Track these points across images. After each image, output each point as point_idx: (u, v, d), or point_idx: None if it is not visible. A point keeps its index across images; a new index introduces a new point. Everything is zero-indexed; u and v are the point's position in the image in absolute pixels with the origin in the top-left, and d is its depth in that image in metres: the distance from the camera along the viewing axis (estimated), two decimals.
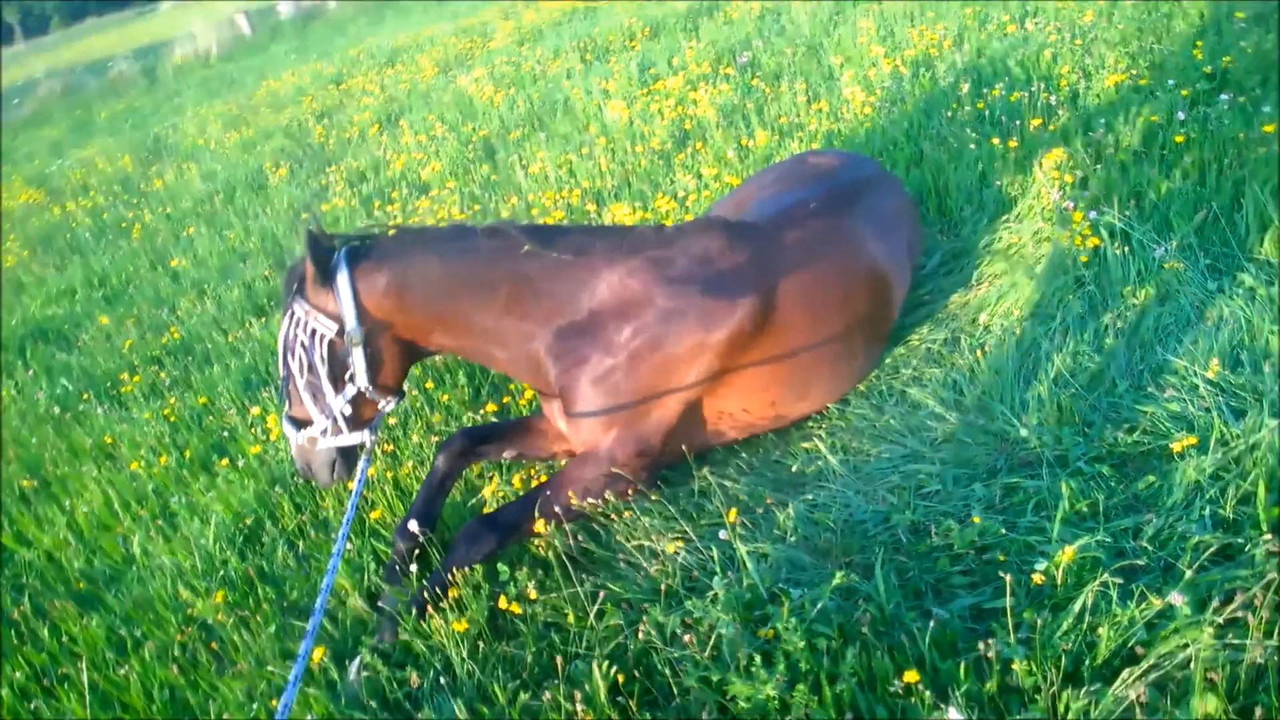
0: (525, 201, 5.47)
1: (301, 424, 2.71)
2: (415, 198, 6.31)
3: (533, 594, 2.54)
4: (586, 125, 6.62)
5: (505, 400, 3.56)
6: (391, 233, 2.75)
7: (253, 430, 3.95)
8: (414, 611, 2.57)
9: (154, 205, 8.40)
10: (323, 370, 2.61)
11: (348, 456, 2.78)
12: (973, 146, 4.12)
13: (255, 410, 4.05)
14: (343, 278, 2.58)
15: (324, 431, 2.67)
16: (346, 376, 2.64)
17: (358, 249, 2.65)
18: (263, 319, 5.25)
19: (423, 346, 2.78)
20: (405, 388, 2.90)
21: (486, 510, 3.06)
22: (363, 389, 2.65)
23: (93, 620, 3.11)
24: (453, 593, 2.57)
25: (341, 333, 2.59)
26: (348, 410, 2.66)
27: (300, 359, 2.62)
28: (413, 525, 2.68)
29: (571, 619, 2.50)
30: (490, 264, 2.70)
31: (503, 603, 2.53)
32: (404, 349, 2.73)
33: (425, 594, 2.57)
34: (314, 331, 2.60)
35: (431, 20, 14.67)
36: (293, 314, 2.64)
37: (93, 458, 4.27)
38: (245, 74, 15.16)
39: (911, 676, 1.90)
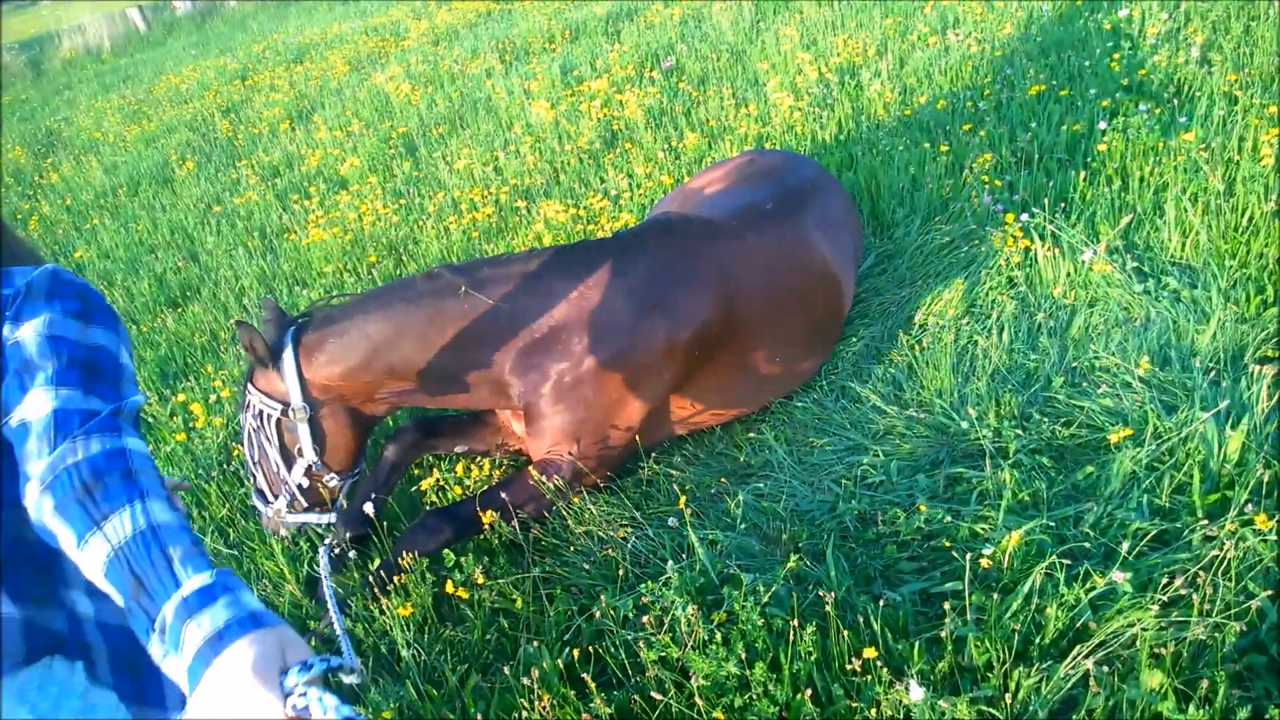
0: (451, 198, 5.35)
1: (266, 498, 2.74)
2: (334, 192, 6.11)
3: (480, 579, 2.47)
4: (510, 124, 6.53)
5: None
6: (342, 301, 2.69)
7: (174, 419, 3.77)
8: (364, 596, 2.54)
9: (52, 198, 7.94)
10: (271, 450, 2.63)
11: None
12: (902, 149, 4.21)
13: (180, 397, 3.86)
14: (288, 356, 2.55)
15: (287, 505, 2.70)
16: (295, 451, 2.64)
17: (304, 324, 2.61)
18: (178, 309, 5.01)
19: (371, 412, 2.73)
20: (361, 466, 2.84)
21: (426, 501, 2.99)
22: (311, 463, 2.64)
23: None
24: (397, 579, 2.48)
25: (286, 411, 2.58)
26: (305, 483, 2.67)
27: (251, 440, 2.66)
28: (368, 508, 2.61)
29: (520, 604, 2.45)
30: (434, 308, 2.60)
31: (449, 587, 2.46)
32: (353, 419, 2.69)
33: (373, 579, 2.53)
34: (261, 413, 2.61)
35: (338, 18, 14.28)
36: (246, 401, 2.66)
37: None
38: (141, 69, 14.48)
39: (870, 653, 1.90)
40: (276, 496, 2.70)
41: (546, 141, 5.85)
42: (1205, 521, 2.14)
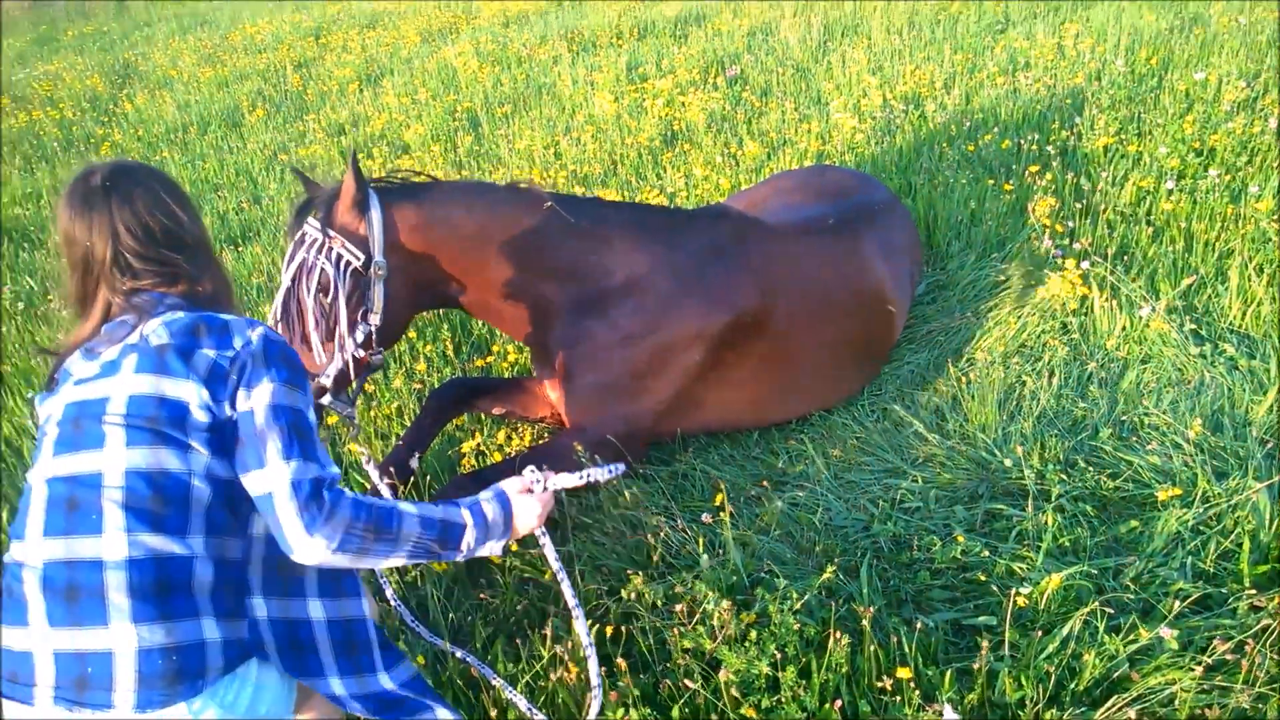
0: (510, 175, 5.39)
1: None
2: (396, 156, 6.17)
3: (513, 546, 2.49)
4: (573, 113, 6.57)
5: (489, 360, 3.50)
6: (421, 179, 2.68)
7: None
8: None
9: (125, 127, 8.07)
10: (342, 301, 2.42)
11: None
12: (965, 183, 4.21)
13: None
14: (374, 210, 2.49)
15: (333, 377, 2.42)
16: (360, 313, 2.47)
17: (388, 188, 2.59)
18: (237, 248, 5.09)
19: (438, 292, 2.69)
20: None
21: (466, 464, 3.02)
22: (375, 329, 2.49)
23: None
24: (439, 567, 2.51)
25: (368, 264, 2.45)
26: (360, 353, 2.48)
27: (316, 288, 2.40)
28: (414, 462, 2.63)
29: (549, 576, 2.46)
30: (513, 218, 2.67)
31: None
32: (419, 293, 2.64)
33: None
34: (339, 258, 2.41)
35: None
36: (315, 240, 2.43)
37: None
38: (219, 14, 14.66)
39: (904, 673, 1.90)
40: (324, 361, 2.43)
41: (607, 133, 5.89)
42: (1253, 591, 2.14)
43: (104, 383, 1.52)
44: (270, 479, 1.46)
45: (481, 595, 2.46)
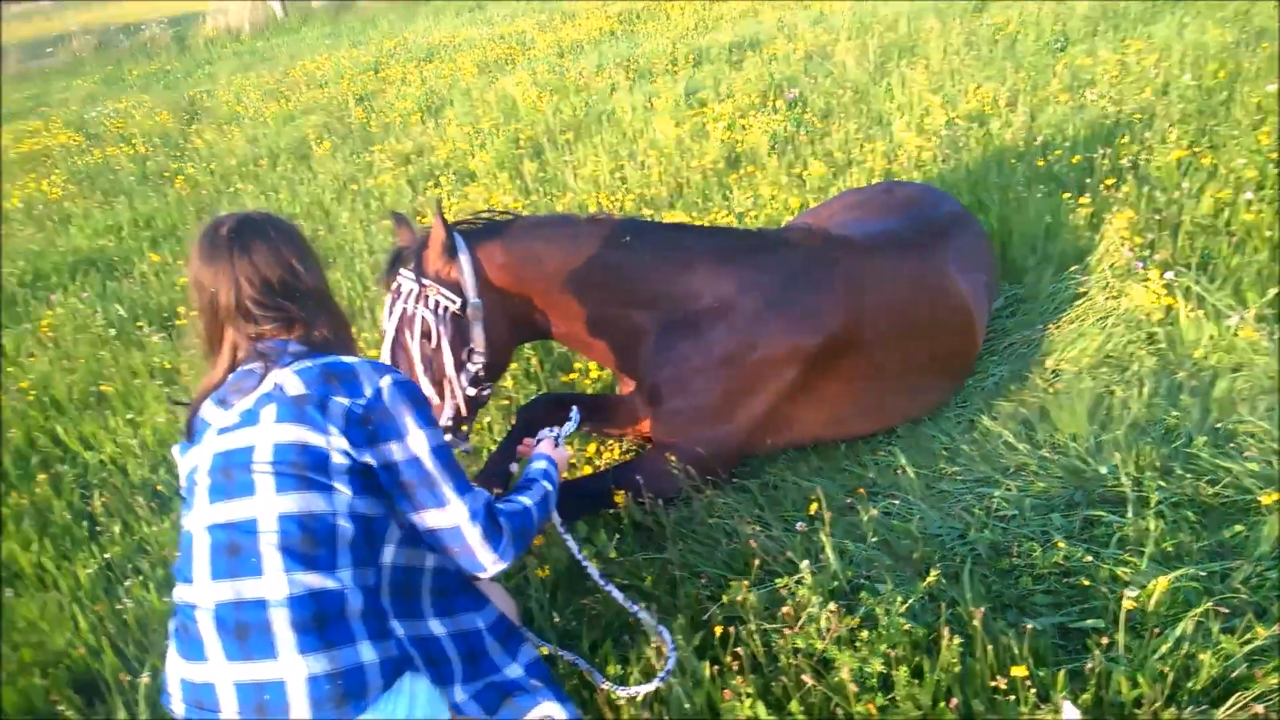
0: (577, 202, 5.50)
1: None
2: (463, 184, 6.32)
3: (614, 554, 2.55)
4: (634, 139, 6.69)
5: (572, 376, 3.58)
6: (506, 218, 2.78)
7: None
8: None
9: (197, 161, 8.38)
10: (446, 346, 2.52)
11: None
12: (1040, 198, 4.22)
13: None
14: (463, 253, 2.59)
15: (450, 418, 2.56)
16: (465, 354, 2.58)
17: (472, 230, 2.68)
18: None
19: (532, 327, 2.78)
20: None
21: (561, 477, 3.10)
22: (480, 368, 2.60)
23: (165, 522, 3.18)
24: (536, 541, 2.57)
25: (465, 306, 2.56)
26: (470, 391, 2.59)
27: (419, 335, 2.51)
28: (513, 467, 2.70)
29: (650, 582, 2.51)
30: (595, 250, 2.73)
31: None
32: (515, 328, 2.73)
33: None
34: (437, 304, 2.53)
35: (464, 24, 14.76)
36: (410, 290, 2.55)
37: (151, 377, 4.34)
38: (278, 52, 15.16)
39: (1020, 671, 1.92)
40: (438, 403, 2.56)
41: (670, 157, 5.98)
42: None
43: (246, 432, 1.64)
44: (453, 515, 1.69)
45: (585, 601, 2.51)
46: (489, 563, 1.72)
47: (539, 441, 2.25)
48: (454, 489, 1.70)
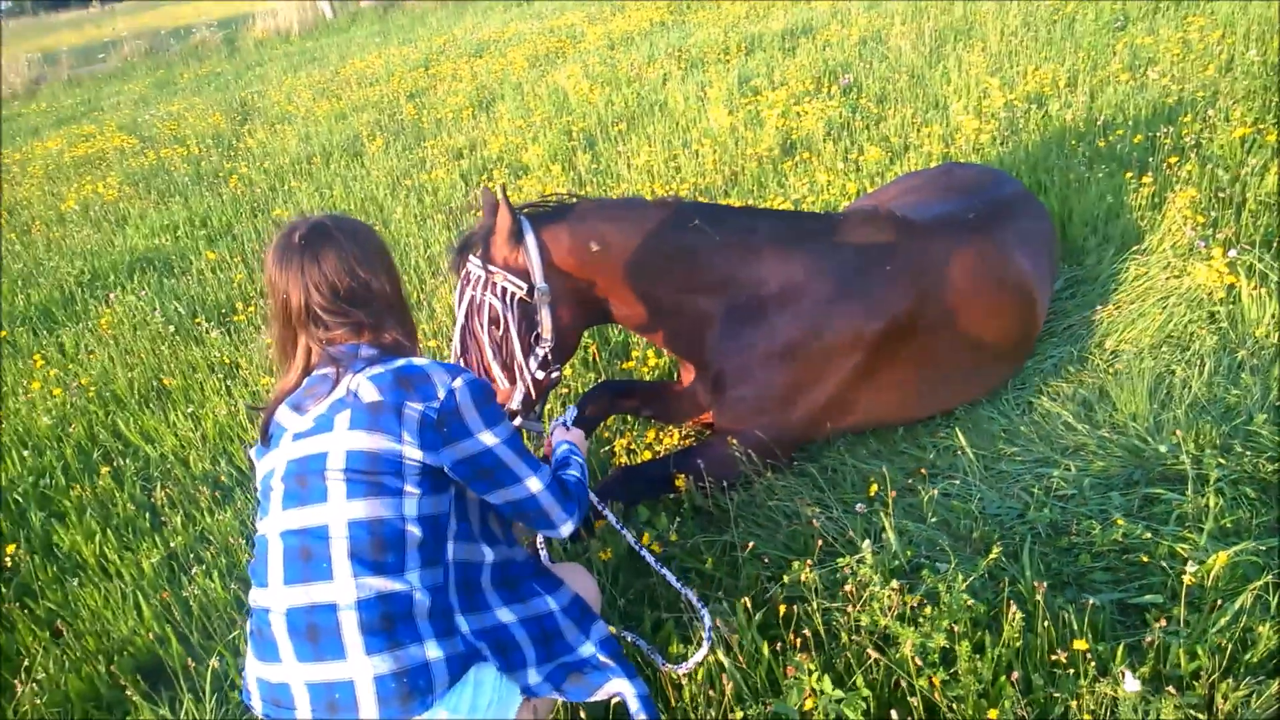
0: (631, 192, 5.58)
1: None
2: (517, 178, 6.44)
3: (674, 536, 2.62)
4: (688, 128, 6.73)
5: (630, 364, 3.66)
6: (571, 201, 2.80)
7: None
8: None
9: (249, 160, 8.60)
10: (514, 331, 2.58)
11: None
12: (1102, 177, 4.18)
13: None
14: (530, 237, 2.61)
15: (521, 402, 2.62)
16: (533, 338, 2.63)
17: (539, 214, 2.70)
18: None
19: (598, 310, 2.81)
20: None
21: (618, 460, 3.17)
22: (549, 350, 2.64)
23: (226, 513, 3.28)
24: (598, 524, 2.65)
25: (531, 291, 2.59)
26: (540, 375, 2.64)
27: (488, 322, 2.57)
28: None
29: (710, 563, 2.59)
30: (663, 235, 2.75)
31: (645, 539, 2.62)
32: (582, 312, 2.75)
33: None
34: (504, 290, 2.57)
35: (513, 19, 14.92)
36: (478, 277, 2.60)
37: (211, 371, 4.47)
38: (327, 52, 15.46)
39: (1081, 645, 1.95)
40: (507, 388, 2.62)
41: (724, 145, 6.02)
42: None
43: (321, 438, 1.72)
44: (529, 487, 1.86)
45: (648, 581, 2.59)
46: (562, 522, 1.92)
47: (552, 433, 2.39)
48: (527, 467, 1.85)
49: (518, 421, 2.65)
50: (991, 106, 5.55)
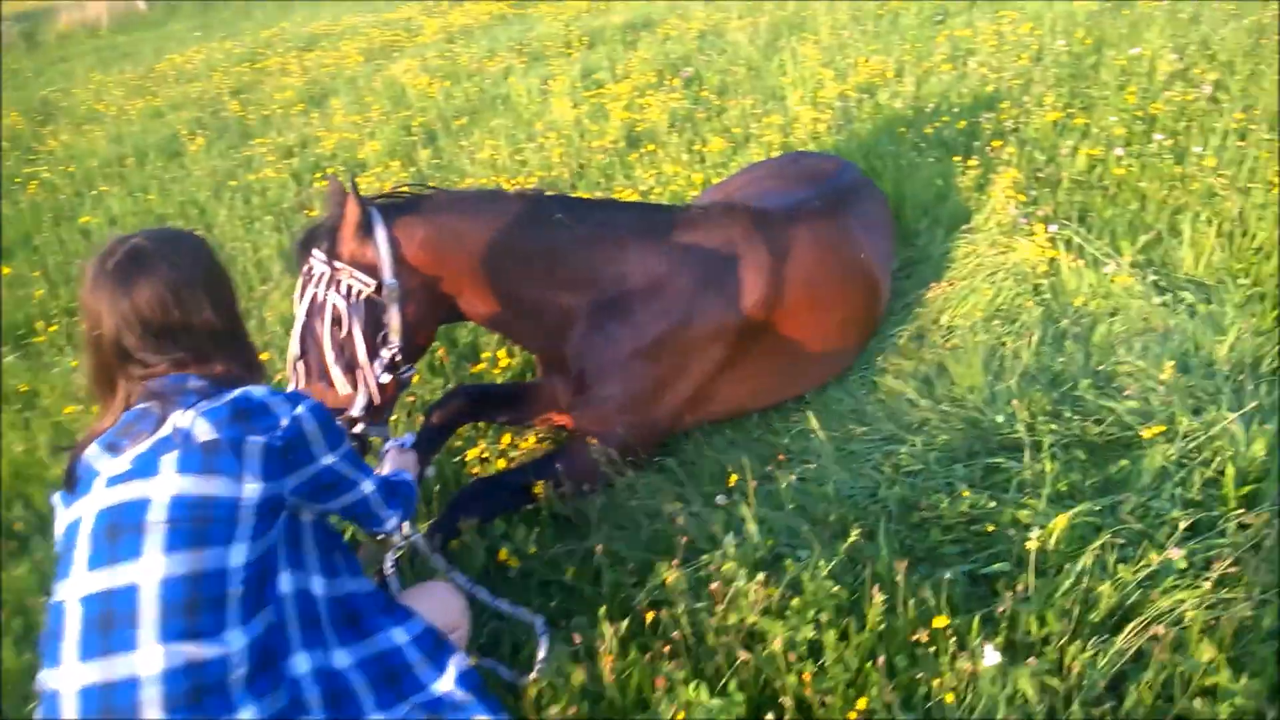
0: (476, 187, 5.41)
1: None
2: (354, 175, 6.14)
3: (533, 549, 2.52)
4: (532, 121, 6.62)
5: (480, 367, 3.52)
6: (426, 192, 2.65)
7: None
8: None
9: (52, 164, 7.87)
10: (359, 332, 2.41)
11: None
12: (932, 161, 4.35)
13: None
14: (380, 231, 2.45)
15: (363, 408, 2.44)
16: (379, 339, 2.46)
17: (391, 205, 2.54)
18: None
19: (451, 309, 2.67)
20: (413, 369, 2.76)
21: (469, 472, 3.04)
22: (396, 353, 2.48)
23: (23, 567, 2.91)
24: (453, 544, 2.52)
25: (380, 288, 2.43)
26: (385, 378, 2.47)
27: (330, 321, 2.40)
28: (430, 470, 2.63)
29: (572, 574, 2.50)
30: (524, 229, 2.64)
31: (502, 555, 2.51)
32: (434, 311, 2.61)
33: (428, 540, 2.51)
34: (350, 288, 2.40)
35: (346, 10, 14.35)
36: (322, 274, 2.42)
37: (6, 402, 4.01)
38: (142, 47, 14.42)
39: (941, 622, 1.98)
40: (349, 392, 2.44)
41: (570, 138, 5.95)
42: (1241, 511, 2.27)
43: (140, 484, 1.51)
44: (364, 489, 1.83)
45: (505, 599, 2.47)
46: (388, 517, 1.92)
47: (384, 455, 2.38)
48: (361, 473, 1.83)
49: (359, 428, 2.47)
50: (826, 97, 5.69)
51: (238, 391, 1.62)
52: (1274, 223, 3.47)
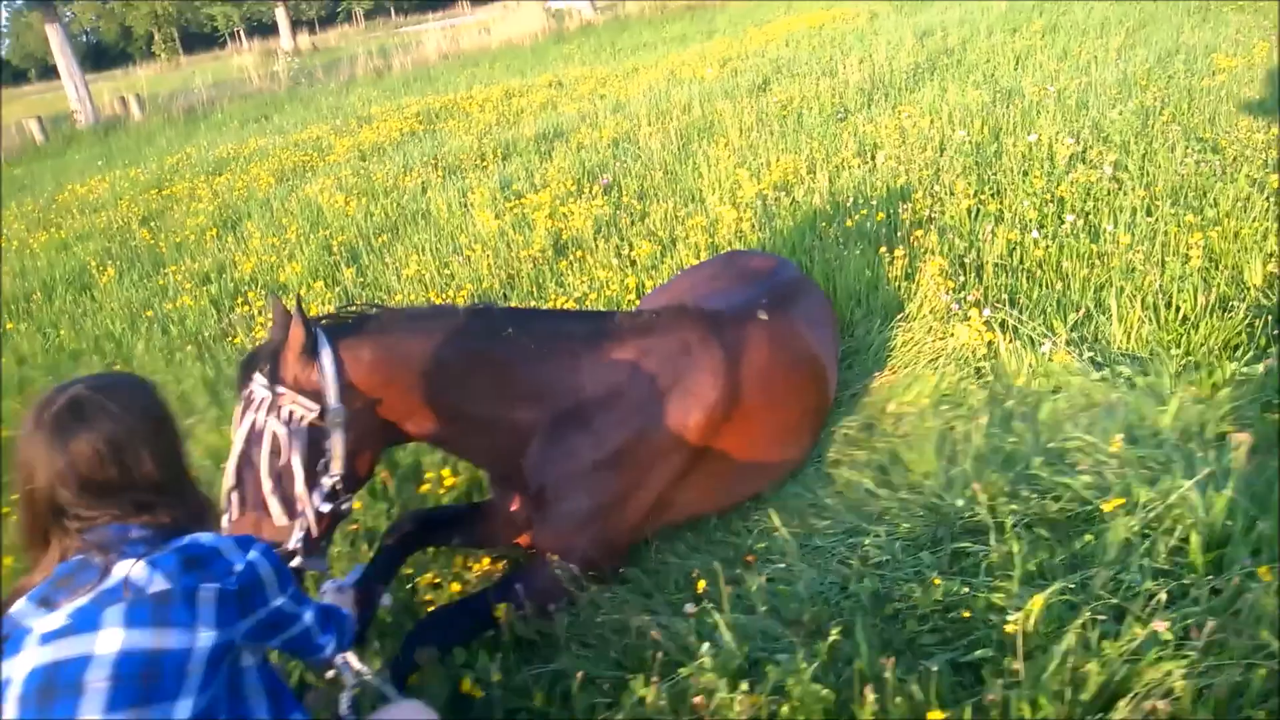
0: (407, 301, 5.35)
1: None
2: (299, 296, 6.01)
3: (496, 676, 2.38)
4: (454, 235, 6.62)
5: (425, 488, 3.39)
6: (372, 311, 2.57)
7: None
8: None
9: None
10: (298, 461, 2.29)
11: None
12: (858, 254, 4.47)
13: None
14: (326, 354, 2.34)
15: (299, 540, 2.30)
16: (320, 467, 2.34)
17: (337, 326, 2.45)
18: None
19: (397, 432, 2.56)
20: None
21: (421, 599, 2.89)
22: (337, 481, 2.36)
23: None
24: (411, 679, 2.37)
25: (323, 414, 2.32)
26: (325, 508, 2.34)
27: (269, 450, 2.28)
28: (386, 599, 2.47)
29: (540, 699, 2.37)
30: (475, 345, 2.58)
31: (465, 685, 2.36)
32: (379, 435, 2.50)
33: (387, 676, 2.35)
34: (291, 414, 2.30)
35: (252, 134, 14.34)
36: (263, 399, 2.31)
37: None
38: (41, 178, 14.15)
39: (935, 716, 1.92)
40: (285, 524, 2.31)
41: (496, 249, 5.96)
42: (1210, 578, 2.28)
43: (81, 639, 1.40)
44: (305, 621, 1.78)
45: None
46: (325, 645, 1.87)
47: (323, 594, 2.35)
48: (302, 607, 1.78)
49: (297, 562, 2.33)
50: (745, 196, 5.86)
51: (185, 540, 1.55)
52: (1194, 294, 3.64)
